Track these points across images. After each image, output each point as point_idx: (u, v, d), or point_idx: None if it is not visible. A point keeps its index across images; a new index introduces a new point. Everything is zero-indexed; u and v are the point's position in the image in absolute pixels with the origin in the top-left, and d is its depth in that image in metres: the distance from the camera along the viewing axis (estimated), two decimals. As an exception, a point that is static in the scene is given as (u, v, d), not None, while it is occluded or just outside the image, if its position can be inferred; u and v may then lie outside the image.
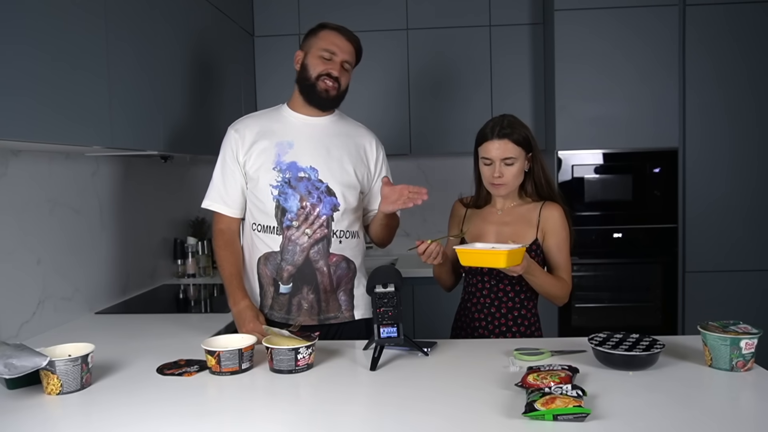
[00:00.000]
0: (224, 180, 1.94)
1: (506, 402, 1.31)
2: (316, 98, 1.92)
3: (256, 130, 1.93)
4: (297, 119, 1.95)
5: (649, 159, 3.16)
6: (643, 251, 3.20)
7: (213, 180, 1.96)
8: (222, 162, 1.95)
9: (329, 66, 1.89)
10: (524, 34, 3.41)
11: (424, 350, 1.66)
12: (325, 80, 1.89)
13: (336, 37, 1.91)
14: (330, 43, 1.90)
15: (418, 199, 1.74)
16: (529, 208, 1.92)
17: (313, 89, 1.90)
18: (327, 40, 1.90)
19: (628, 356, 1.47)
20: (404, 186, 1.78)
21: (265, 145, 1.90)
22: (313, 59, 1.90)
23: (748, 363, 1.45)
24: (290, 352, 1.52)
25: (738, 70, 3.12)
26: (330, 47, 1.89)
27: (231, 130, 1.96)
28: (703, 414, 1.25)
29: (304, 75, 1.91)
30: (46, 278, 2.08)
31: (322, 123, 1.97)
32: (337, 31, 1.92)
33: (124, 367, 1.62)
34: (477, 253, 1.68)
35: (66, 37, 1.73)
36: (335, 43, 1.90)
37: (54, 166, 2.14)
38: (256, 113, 2.03)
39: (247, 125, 1.95)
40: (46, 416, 1.33)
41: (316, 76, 1.89)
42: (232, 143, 1.93)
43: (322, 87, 1.89)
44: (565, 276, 1.89)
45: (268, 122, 1.95)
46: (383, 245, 2.11)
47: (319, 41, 1.91)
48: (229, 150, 1.93)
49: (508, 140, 1.82)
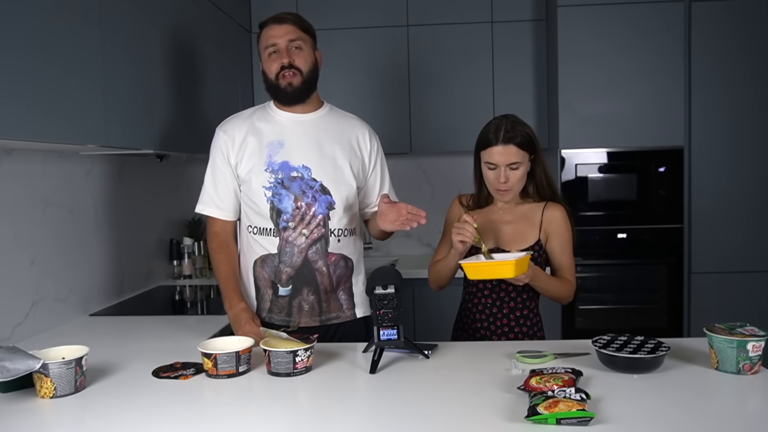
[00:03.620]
0: (215, 183, 1.92)
1: (508, 406, 1.30)
2: (284, 96, 1.88)
3: (245, 130, 1.90)
4: (285, 117, 1.92)
5: (654, 158, 3.14)
6: (647, 252, 3.18)
7: (204, 184, 1.94)
8: (212, 165, 1.92)
9: (277, 59, 1.85)
10: (527, 30, 3.38)
11: (425, 353, 1.65)
12: (284, 74, 1.85)
13: (270, 29, 1.87)
14: (267, 38, 1.87)
15: (415, 221, 1.73)
16: (531, 208, 1.91)
17: (278, 89, 1.87)
18: (265, 36, 1.88)
19: (632, 359, 1.45)
20: (403, 205, 1.76)
21: (256, 146, 1.87)
22: (265, 63, 1.89)
23: (755, 366, 1.44)
24: (288, 354, 1.51)
25: (745, 68, 3.10)
26: (269, 41, 1.86)
27: (219, 131, 1.93)
28: (710, 418, 1.24)
29: (266, 81, 1.90)
30: (39, 279, 2.06)
31: (312, 119, 1.93)
32: (270, 22, 1.88)
33: (119, 370, 1.61)
34: (485, 266, 1.69)
35: (60, 35, 1.72)
36: (271, 35, 1.86)
37: (47, 165, 2.13)
38: (243, 113, 1.99)
39: (235, 125, 1.92)
40: (39, 420, 1.32)
41: (274, 77, 1.87)
42: (221, 145, 1.90)
43: (283, 83, 1.85)
44: (569, 276, 1.89)
45: (257, 122, 1.91)
46: (383, 239, 2.09)
47: (261, 42, 1.89)
48: (219, 152, 1.91)
49: (512, 145, 1.80)
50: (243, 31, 3.37)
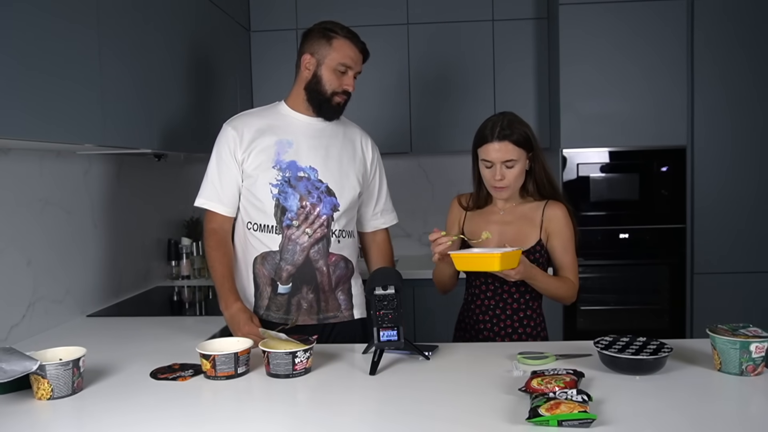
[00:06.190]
0: (221, 177, 1.92)
1: (510, 407, 1.29)
2: (327, 111, 1.93)
3: (255, 127, 1.91)
4: (297, 119, 1.95)
5: (657, 157, 3.12)
6: (650, 252, 3.17)
7: (208, 177, 1.94)
8: (218, 159, 1.92)
9: (345, 82, 1.90)
10: (528, 29, 3.36)
11: (425, 354, 1.65)
12: (341, 96, 1.91)
13: (351, 50, 1.89)
14: (345, 56, 1.88)
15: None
16: (532, 207, 1.91)
17: (327, 103, 1.91)
18: (342, 52, 1.88)
19: (634, 360, 1.45)
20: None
21: (266, 144, 1.89)
22: (327, 72, 1.88)
23: (758, 367, 1.43)
24: (287, 356, 1.50)
25: (747, 66, 3.08)
26: (346, 61, 1.88)
27: (228, 127, 1.94)
28: (712, 420, 1.24)
29: (318, 88, 1.90)
30: (36, 280, 2.06)
31: (322, 124, 1.96)
32: (350, 41, 1.90)
33: (117, 371, 1.60)
34: (471, 258, 1.70)
35: (57, 34, 1.71)
36: (350, 56, 1.89)
37: (45, 165, 2.12)
38: (253, 110, 2.02)
39: (245, 123, 1.93)
40: (36, 422, 1.32)
41: (332, 93, 1.89)
42: (229, 140, 1.91)
43: (336, 102, 1.91)
44: (571, 276, 1.89)
45: (267, 120, 1.94)
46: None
47: (333, 52, 1.88)
48: (225, 147, 1.91)
49: (508, 142, 1.81)
50: (242, 30, 3.36)
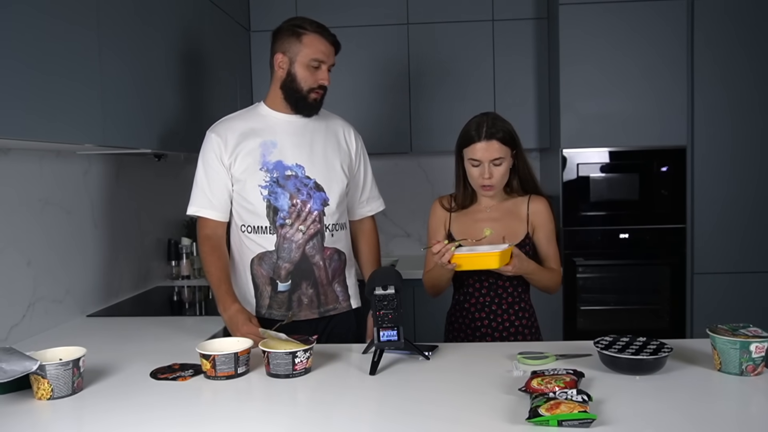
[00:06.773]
0: (210, 184, 1.93)
1: (510, 407, 1.29)
2: (305, 108, 1.94)
3: (238, 131, 1.93)
4: (278, 118, 1.96)
5: (657, 157, 3.12)
6: (650, 252, 3.16)
7: (197, 185, 1.95)
8: (205, 165, 1.94)
9: (320, 77, 1.91)
10: (528, 28, 3.36)
11: (425, 354, 1.65)
12: (317, 91, 1.92)
13: (321, 44, 1.90)
14: (317, 51, 1.89)
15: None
16: (516, 203, 1.96)
17: (304, 101, 1.92)
18: (313, 47, 1.89)
19: (634, 360, 1.45)
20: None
21: (250, 147, 1.91)
22: (301, 69, 1.89)
23: (758, 367, 1.43)
24: (287, 356, 1.50)
25: (747, 66, 3.08)
26: (318, 56, 1.89)
27: (211, 134, 1.95)
28: (712, 420, 1.24)
29: (294, 86, 1.91)
30: (36, 280, 2.05)
31: (303, 120, 1.98)
32: (320, 35, 1.91)
33: (117, 371, 1.60)
34: (471, 258, 1.74)
35: (57, 34, 1.71)
36: (322, 51, 1.90)
37: (45, 165, 2.12)
38: (234, 115, 2.02)
39: (228, 128, 1.95)
40: (36, 422, 1.32)
41: (308, 90, 1.90)
42: (214, 147, 1.92)
43: (312, 98, 1.92)
44: (555, 266, 1.97)
45: (249, 123, 1.95)
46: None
47: (304, 48, 1.89)
48: (211, 153, 1.92)
49: (495, 140, 1.84)
50: (242, 30, 3.36)
